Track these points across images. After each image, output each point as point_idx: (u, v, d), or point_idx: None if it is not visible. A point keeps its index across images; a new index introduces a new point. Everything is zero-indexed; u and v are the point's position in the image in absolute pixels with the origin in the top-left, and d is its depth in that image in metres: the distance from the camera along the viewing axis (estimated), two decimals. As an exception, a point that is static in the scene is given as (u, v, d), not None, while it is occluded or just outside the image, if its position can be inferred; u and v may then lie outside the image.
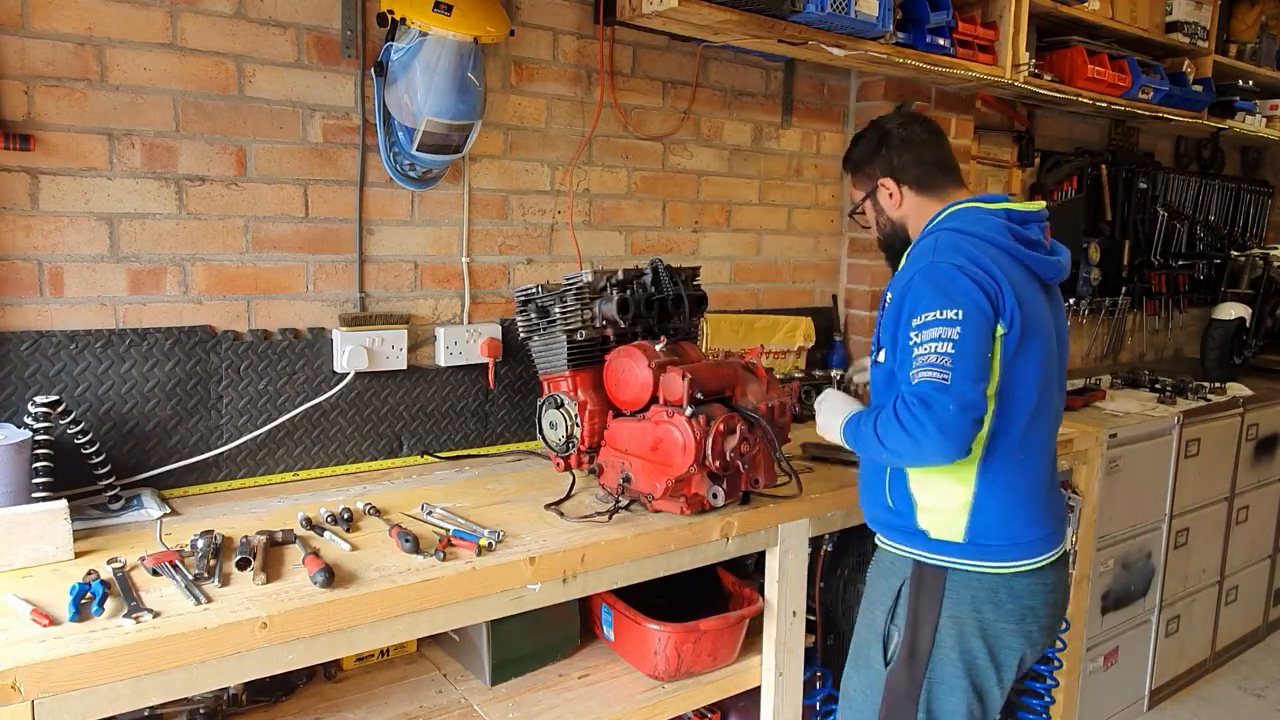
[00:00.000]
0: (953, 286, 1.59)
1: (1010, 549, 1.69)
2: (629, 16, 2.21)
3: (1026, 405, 1.67)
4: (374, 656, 1.92)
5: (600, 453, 1.88)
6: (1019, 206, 1.75)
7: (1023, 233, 1.71)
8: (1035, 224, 1.74)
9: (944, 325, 1.57)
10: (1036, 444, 1.72)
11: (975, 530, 1.67)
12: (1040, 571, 1.72)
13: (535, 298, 1.99)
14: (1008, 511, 1.68)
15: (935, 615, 1.69)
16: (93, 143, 1.77)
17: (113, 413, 1.83)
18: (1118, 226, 3.96)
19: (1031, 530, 1.71)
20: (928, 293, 1.60)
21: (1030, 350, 1.65)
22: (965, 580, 1.68)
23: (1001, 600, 1.68)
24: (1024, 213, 1.74)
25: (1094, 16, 3.08)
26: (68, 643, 1.22)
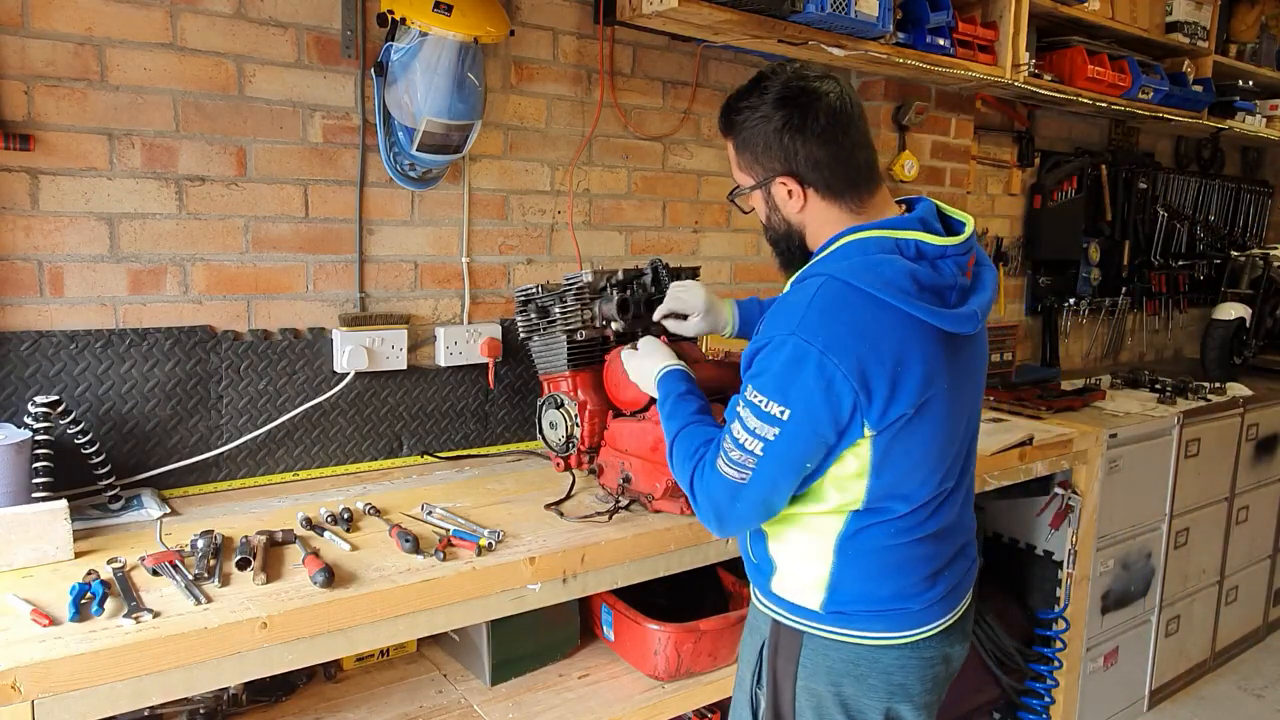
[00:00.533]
0: (793, 378, 1.29)
1: (876, 618, 1.43)
2: (629, 16, 2.21)
3: (909, 489, 1.40)
4: (374, 656, 1.92)
5: (600, 453, 1.88)
6: (932, 240, 1.37)
7: (930, 279, 1.34)
8: (952, 259, 1.38)
9: (766, 421, 1.31)
10: (934, 510, 1.45)
11: (834, 600, 1.43)
12: (916, 645, 1.44)
13: (535, 298, 1.99)
14: (874, 586, 1.43)
15: (792, 683, 1.47)
16: (93, 143, 1.77)
17: (113, 413, 1.83)
18: (1118, 226, 3.96)
19: (908, 602, 1.44)
20: (770, 371, 1.32)
21: (916, 432, 1.36)
22: (822, 648, 1.44)
23: (864, 674, 1.43)
24: (939, 248, 1.37)
25: (1094, 16, 3.08)
26: (68, 643, 1.22)
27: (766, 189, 1.47)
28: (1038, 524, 2.78)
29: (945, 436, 1.41)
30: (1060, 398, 3.11)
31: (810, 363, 1.28)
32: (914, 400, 1.32)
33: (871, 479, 1.37)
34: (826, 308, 1.30)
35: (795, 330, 1.30)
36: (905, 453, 1.36)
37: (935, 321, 1.32)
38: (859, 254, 1.36)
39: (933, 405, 1.35)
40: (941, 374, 1.35)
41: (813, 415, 1.30)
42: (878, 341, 1.29)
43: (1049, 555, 2.77)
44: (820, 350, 1.28)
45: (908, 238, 1.36)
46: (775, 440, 1.31)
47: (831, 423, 1.31)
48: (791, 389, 1.30)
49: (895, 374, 1.30)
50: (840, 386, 1.28)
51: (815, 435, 1.31)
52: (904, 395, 1.31)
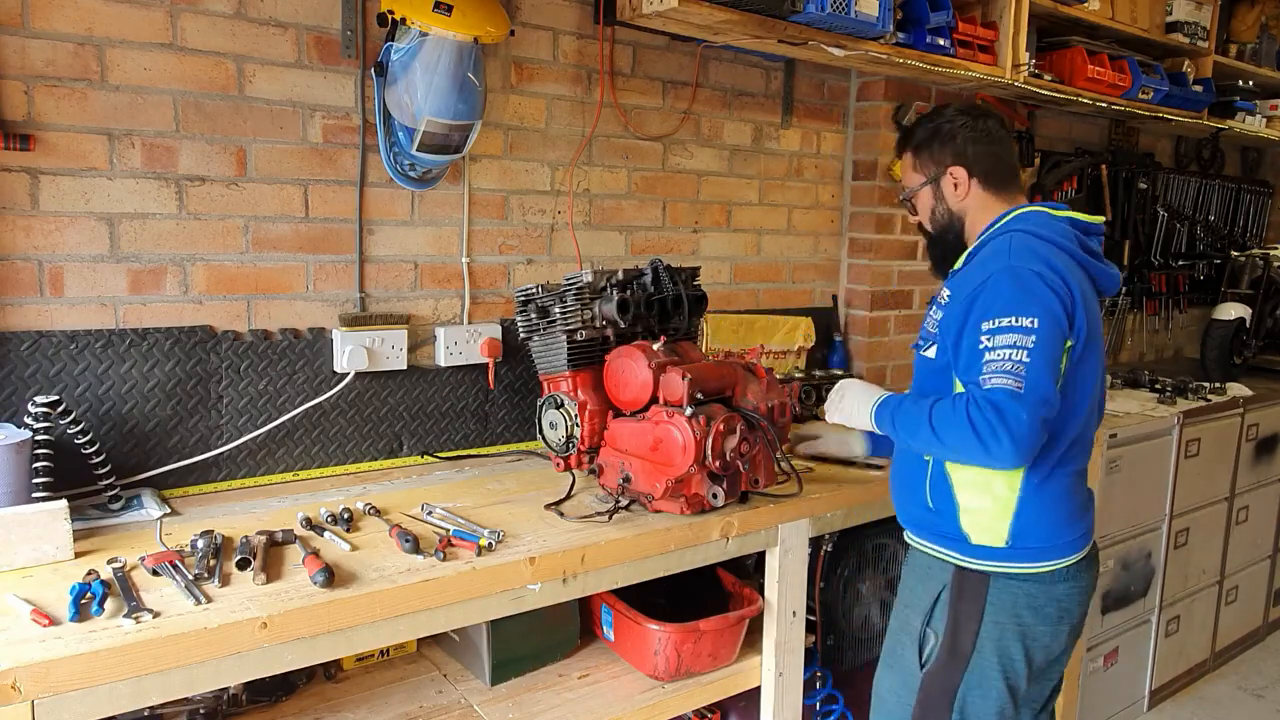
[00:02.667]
0: (1030, 293, 1.58)
1: (1050, 550, 1.69)
2: (629, 16, 2.21)
3: (1079, 414, 1.68)
4: (374, 656, 1.92)
5: (600, 453, 1.88)
6: (1082, 217, 1.75)
7: (1087, 242, 1.72)
8: (1096, 236, 1.76)
9: (1019, 333, 1.55)
10: (1080, 448, 1.73)
11: (1017, 532, 1.68)
12: (1076, 570, 1.72)
13: (535, 298, 1.99)
14: (1049, 513, 1.69)
15: (977, 621, 1.69)
16: (93, 143, 1.77)
17: (113, 413, 1.83)
18: (1118, 226, 3.96)
19: (1070, 529, 1.71)
20: (1004, 296, 1.58)
21: (1089, 361, 1.67)
22: (1007, 585, 1.69)
23: (1040, 604, 1.69)
24: (1087, 224, 1.75)
25: (1094, 16, 3.08)
26: (68, 643, 1.22)
27: (936, 182, 1.83)
28: (1038, 524, 2.78)
29: (1096, 376, 1.71)
30: (1060, 398, 3.10)
31: (1034, 278, 1.59)
32: (1085, 328, 1.63)
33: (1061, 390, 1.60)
34: (1026, 248, 1.64)
35: (1009, 264, 1.61)
36: (1079, 377, 1.65)
37: (1095, 272, 1.71)
38: (1032, 219, 1.71)
39: (1092, 344, 1.66)
40: (1097, 317, 1.70)
41: (1053, 314, 1.57)
42: (1066, 272, 1.62)
43: (1049, 555, 2.77)
44: (1038, 270, 1.60)
45: (1064, 215, 1.74)
46: (1035, 345, 1.54)
47: (1066, 320, 1.59)
48: (1030, 301, 1.57)
49: (1076, 300, 1.61)
50: (1060, 292, 1.59)
51: (1060, 331, 1.58)
52: (1081, 320, 1.62)
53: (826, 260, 3.04)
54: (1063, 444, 1.67)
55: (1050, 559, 1.69)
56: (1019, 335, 1.55)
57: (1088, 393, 1.69)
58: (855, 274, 3.05)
